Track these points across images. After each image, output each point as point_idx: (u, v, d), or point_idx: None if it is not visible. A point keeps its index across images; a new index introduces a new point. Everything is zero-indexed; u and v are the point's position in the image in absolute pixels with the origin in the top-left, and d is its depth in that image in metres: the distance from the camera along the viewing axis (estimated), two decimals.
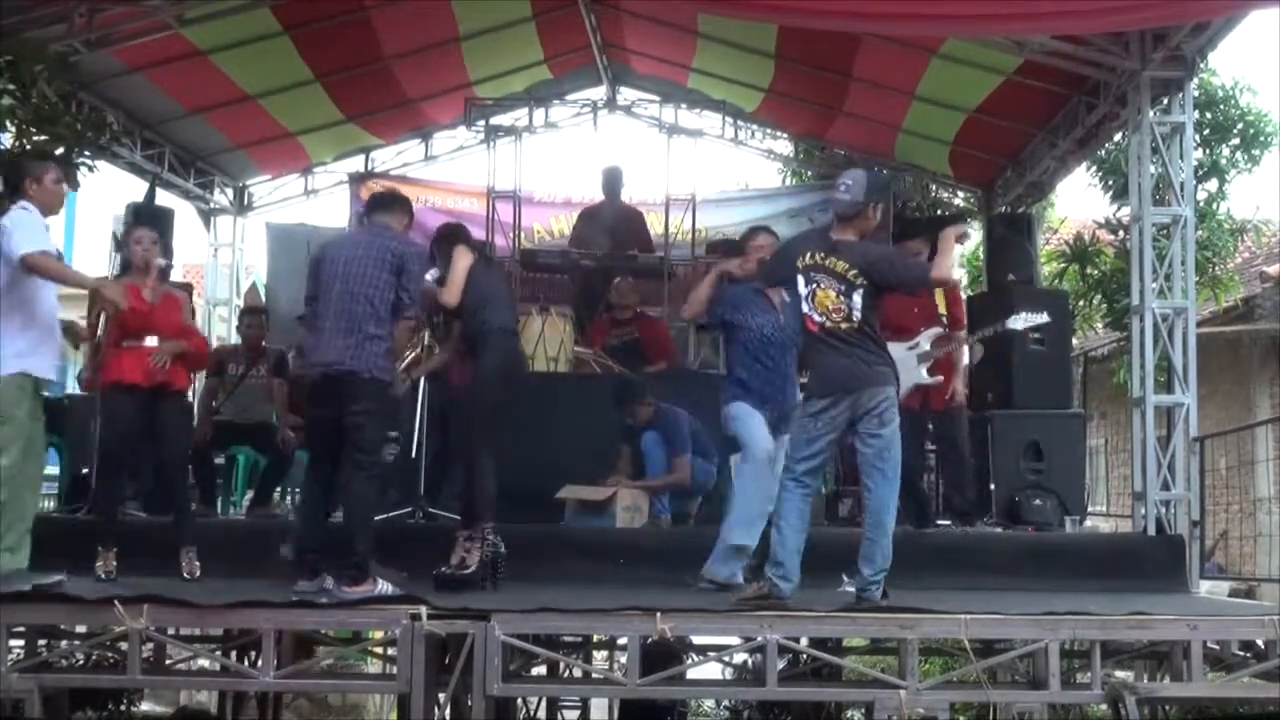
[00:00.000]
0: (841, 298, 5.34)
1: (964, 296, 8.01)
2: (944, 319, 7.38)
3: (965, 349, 7.48)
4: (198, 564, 5.97)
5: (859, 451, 5.39)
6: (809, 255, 5.44)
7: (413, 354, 6.84)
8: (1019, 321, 7.20)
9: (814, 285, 5.38)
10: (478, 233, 8.50)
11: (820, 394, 5.36)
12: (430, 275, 6.11)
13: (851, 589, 5.44)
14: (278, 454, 7.78)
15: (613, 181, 10.15)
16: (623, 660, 5.82)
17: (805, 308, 5.40)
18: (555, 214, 11.56)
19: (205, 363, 7.00)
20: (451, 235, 6.29)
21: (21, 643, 5.52)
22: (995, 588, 6.39)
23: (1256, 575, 11.01)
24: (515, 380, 6.16)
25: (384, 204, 6.02)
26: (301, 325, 6.07)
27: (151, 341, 5.94)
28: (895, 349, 6.97)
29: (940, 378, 7.19)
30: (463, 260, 5.99)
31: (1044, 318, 7.20)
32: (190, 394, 6.41)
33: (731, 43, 10.02)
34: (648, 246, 10.06)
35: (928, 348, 7.16)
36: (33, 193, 5.52)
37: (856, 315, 5.32)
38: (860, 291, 5.33)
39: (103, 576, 5.74)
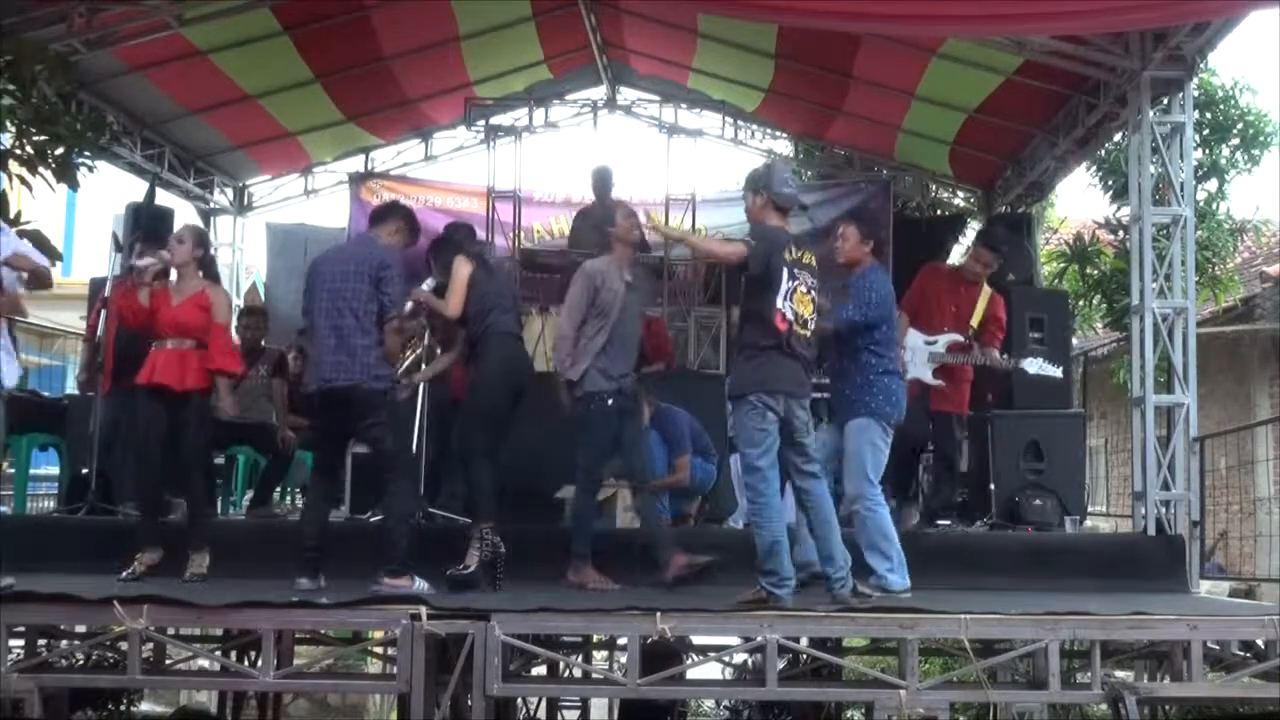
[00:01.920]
0: (812, 294, 5.35)
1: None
2: (972, 330, 7.37)
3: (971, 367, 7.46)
4: (205, 569, 5.95)
5: (788, 460, 5.37)
6: (792, 249, 5.36)
7: (412, 356, 6.82)
8: (1033, 365, 7.22)
9: (795, 282, 5.31)
10: (478, 232, 8.49)
11: (769, 391, 5.27)
12: (427, 284, 6.23)
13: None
14: (277, 454, 7.78)
15: (602, 181, 10.12)
16: (623, 660, 5.82)
17: (780, 303, 5.27)
18: (555, 214, 11.56)
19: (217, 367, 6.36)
20: (450, 243, 6.32)
21: (21, 643, 5.52)
22: (995, 588, 6.39)
23: (1256, 575, 11.00)
24: (515, 383, 6.19)
25: (378, 216, 6.17)
26: (301, 338, 6.10)
27: (170, 343, 5.94)
28: (915, 337, 7.05)
29: (941, 383, 7.19)
30: (462, 270, 6.08)
31: (1057, 373, 7.27)
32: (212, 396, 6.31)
33: (731, 43, 10.02)
34: (642, 245, 10.02)
35: (942, 350, 7.17)
36: None
37: (813, 321, 5.36)
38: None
39: (122, 577, 5.78)
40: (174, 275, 6.15)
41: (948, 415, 7.34)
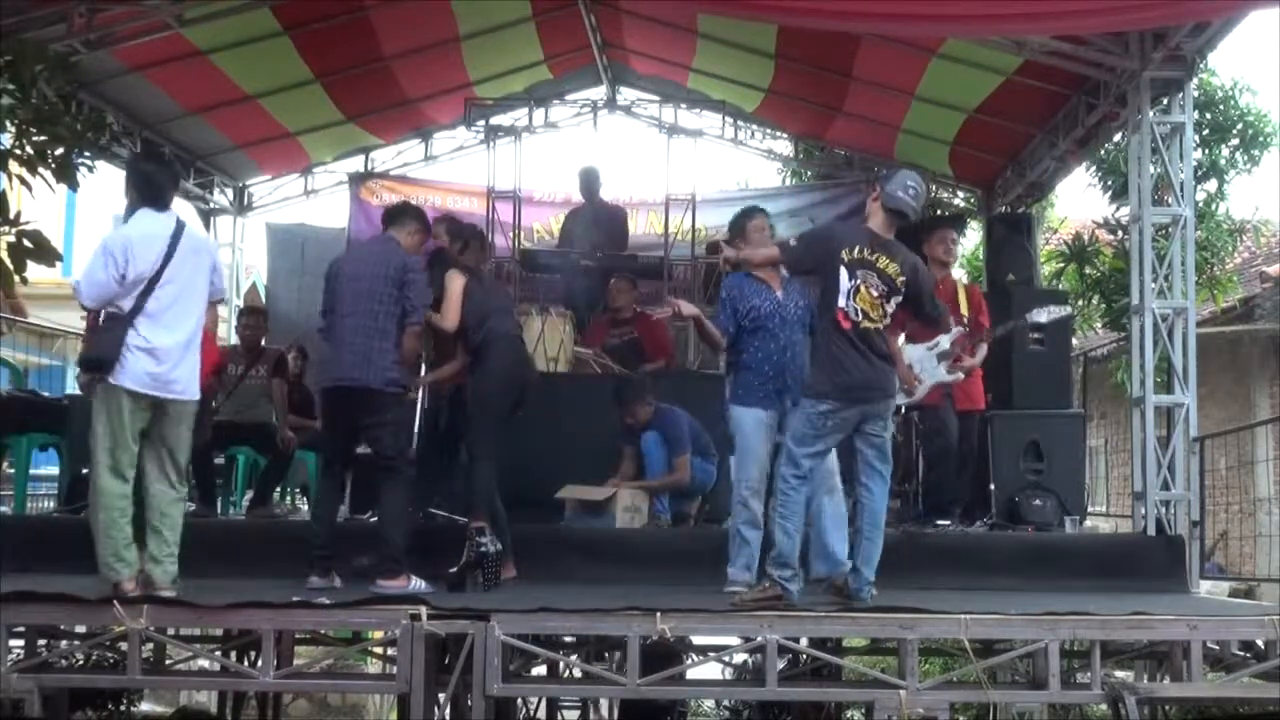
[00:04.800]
0: (880, 300, 5.28)
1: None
2: (965, 319, 7.40)
3: (980, 354, 7.49)
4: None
5: (860, 452, 5.39)
6: (857, 249, 5.30)
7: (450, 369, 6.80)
8: (1043, 315, 7.30)
9: (858, 281, 5.26)
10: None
11: (835, 395, 5.27)
12: None
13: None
14: (277, 454, 7.78)
15: (589, 182, 10.15)
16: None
17: (843, 302, 5.25)
18: (555, 214, 11.54)
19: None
20: (439, 259, 6.35)
21: (21, 643, 5.52)
22: (995, 588, 6.39)
23: (1256, 575, 11.01)
24: (520, 384, 6.23)
25: (393, 217, 6.16)
26: (321, 337, 6.11)
27: None
28: (914, 350, 7.04)
29: (960, 375, 7.23)
30: (455, 284, 6.15)
31: (1067, 310, 7.29)
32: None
33: (731, 43, 10.02)
34: (624, 244, 10.06)
35: (947, 347, 7.19)
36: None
37: (887, 320, 5.32)
38: (898, 299, 5.32)
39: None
40: None
41: (970, 414, 7.38)
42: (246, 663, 5.79)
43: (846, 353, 5.26)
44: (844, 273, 5.27)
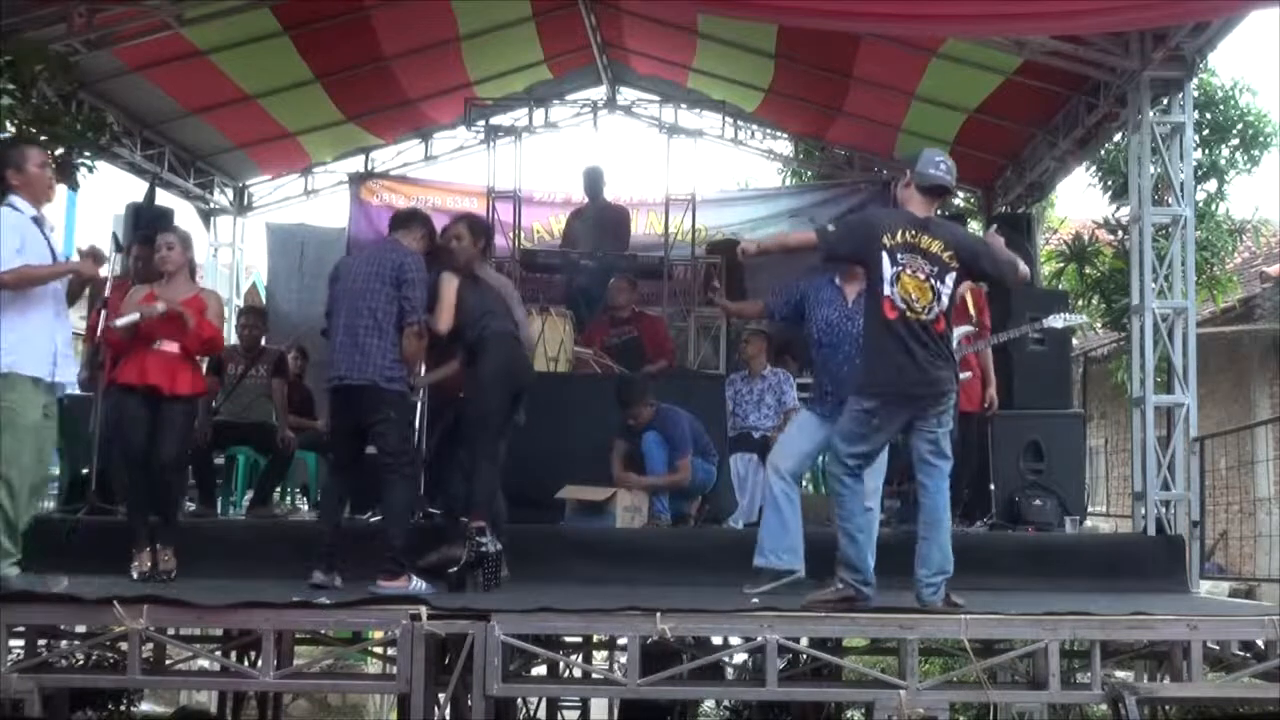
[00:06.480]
0: (930, 281, 5.07)
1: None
2: (972, 319, 7.39)
3: (990, 353, 7.47)
4: (174, 564, 5.92)
5: (914, 447, 5.25)
6: (900, 233, 5.12)
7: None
8: (1059, 320, 7.28)
9: (900, 267, 5.07)
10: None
11: (879, 393, 5.14)
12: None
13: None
14: (277, 454, 7.78)
15: (593, 182, 10.16)
16: (623, 660, 5.81)
17: (887, 290, 5.06)
18: (555, 214, 11.57)
19: (201, 349, 6.13)
20: (432, 261, 6.36)
21: (21, 643, 5.51)
22: (995, 588, 6.38)
23: (1256, 575, 11.01)
24: (517, 383, 6.21)
25: (401, 221, 6.16)
26: (325, 339, 6.12)
27: (164, 346, 5.87)
28: None
29: (970, 374, 7.20)
30: (449, 286, 6.10)
31: (1082, 317, 7.24)
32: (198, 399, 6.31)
33: (731, 43, 10.03)
34: (626, 244, 10.06)
35: (957, 344, 7.18)
36: (17, 183, 5.16)
37: (943, 302, 5.10)
38: (952, 275, 5.12)
39: (135, 577, 5.78)
40: (164, 279, 6.10)
41: (969, 415, 7.35)
42: (246, 663, 5.78)
43: (892, 349, 5.08)
44: (885, 259, 5.09)
